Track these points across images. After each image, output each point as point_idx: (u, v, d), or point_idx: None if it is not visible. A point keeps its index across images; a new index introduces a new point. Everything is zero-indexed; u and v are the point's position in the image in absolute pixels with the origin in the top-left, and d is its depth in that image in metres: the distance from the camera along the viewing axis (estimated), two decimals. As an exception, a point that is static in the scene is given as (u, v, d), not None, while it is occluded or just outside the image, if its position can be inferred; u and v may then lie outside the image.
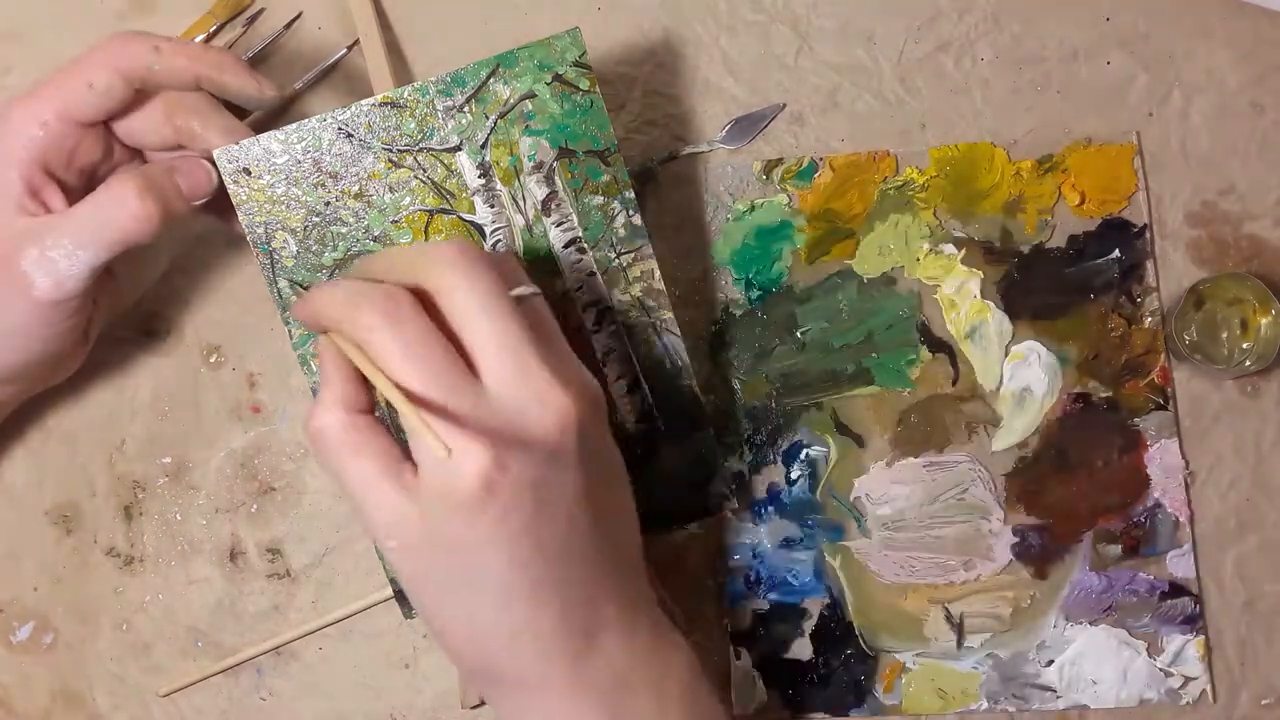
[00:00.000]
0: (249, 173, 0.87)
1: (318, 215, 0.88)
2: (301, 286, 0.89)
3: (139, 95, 0.87)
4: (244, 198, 0.87)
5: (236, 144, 0.86)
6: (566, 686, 0.77)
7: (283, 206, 0.88)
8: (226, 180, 0.87)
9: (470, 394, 0.71)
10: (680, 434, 0.92)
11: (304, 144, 0.87)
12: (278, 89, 0.89)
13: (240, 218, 0.88)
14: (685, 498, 0.93)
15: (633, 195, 0.90)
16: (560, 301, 0.90)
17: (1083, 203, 0.99)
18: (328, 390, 0.74)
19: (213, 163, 0.87)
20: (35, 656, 1.01)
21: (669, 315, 0.91)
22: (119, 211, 0.84)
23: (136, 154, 0.91)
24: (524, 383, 0.72)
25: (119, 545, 1.01)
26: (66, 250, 0.84)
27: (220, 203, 0.89)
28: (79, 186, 0.88)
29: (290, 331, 0.89)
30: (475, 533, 0.72)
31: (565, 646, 0.76)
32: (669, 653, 0.81)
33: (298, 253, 0.88)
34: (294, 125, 0.87)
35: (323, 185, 0.88)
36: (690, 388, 0.92)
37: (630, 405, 0.92)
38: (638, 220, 0.90)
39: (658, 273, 0.90)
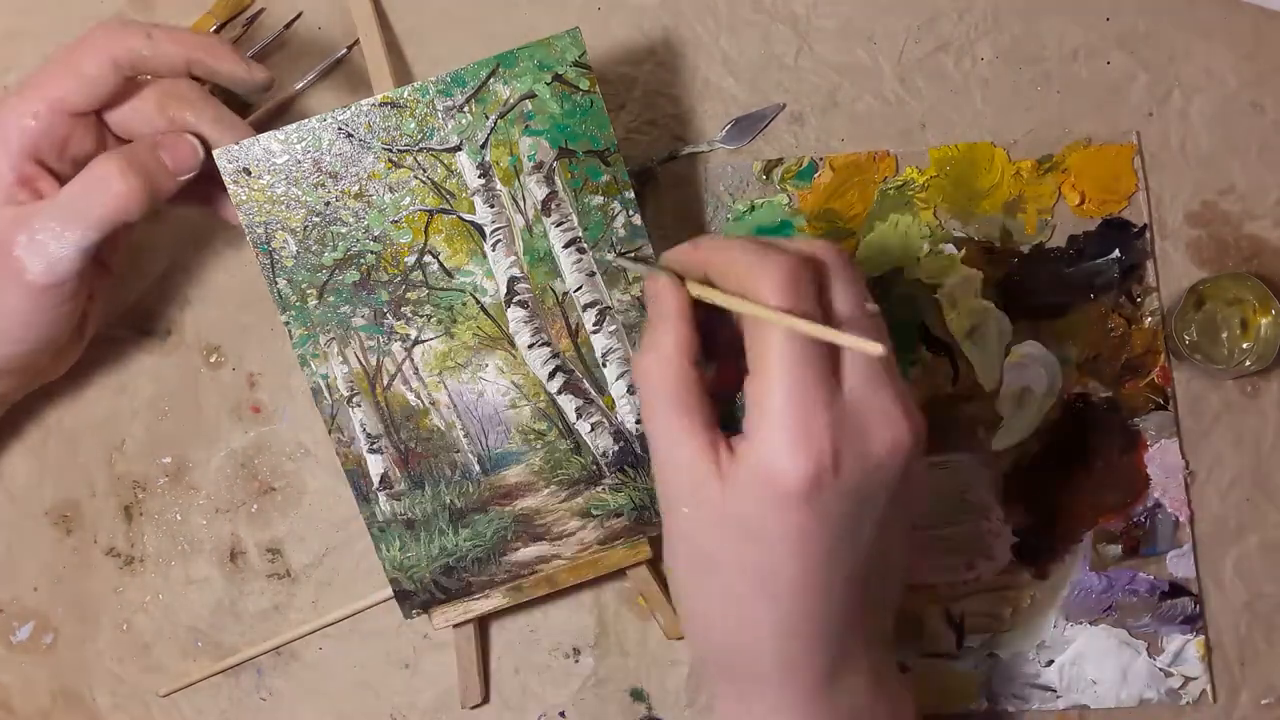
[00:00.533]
0: (249, 173, 0.87)
1: (318, 215, 0.88)
2: (301, 287, 0.89)
3: (131, 84, 0.87)
4: (244, 198, 0.87)
5: (236, 144, 0.87)
6: (802, 704, 0.77)
7: (283, 206, 0.88)
8: (226, 180, 0.87)
9: (830, 392, 0.70)
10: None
11: (304, 144, 0.87)
12: (269, 73, 0.88)
13: (240, 218, 0.88)
14: None
15: (633, 195, 0.90)
16: (560, 301, 0.91)
17: (1083, 203, 0.99)
18: (671, 333, 0.74)
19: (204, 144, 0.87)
20: (35, 656, 1.01)
21: (669, 315, 0.91)
22: (103, 190, 0.84)
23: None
24: (876, 397, 0.71)
25: (119, 545, 1.01)
26: (54, 232, 0.84)
27: (206, 191, 0.89)
28: (73, 177, 0.88)
29: (290, 331, 0.89)
30: (781, 525, 0.71)
31: (814, 664, 0.76)
32: (900, 704, 0.80)
33: (297, 253, 0.88)
34: (294, 125, 0.87)
35: (323, 185, 0.88)
36: (691, 388, 0.92)
37: (630, 406, 0.92)
38: (638, 220, 0.90)
39: (657, 271, 0.90)
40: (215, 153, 0.86)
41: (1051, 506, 0.98)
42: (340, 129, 0.87)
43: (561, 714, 1.00)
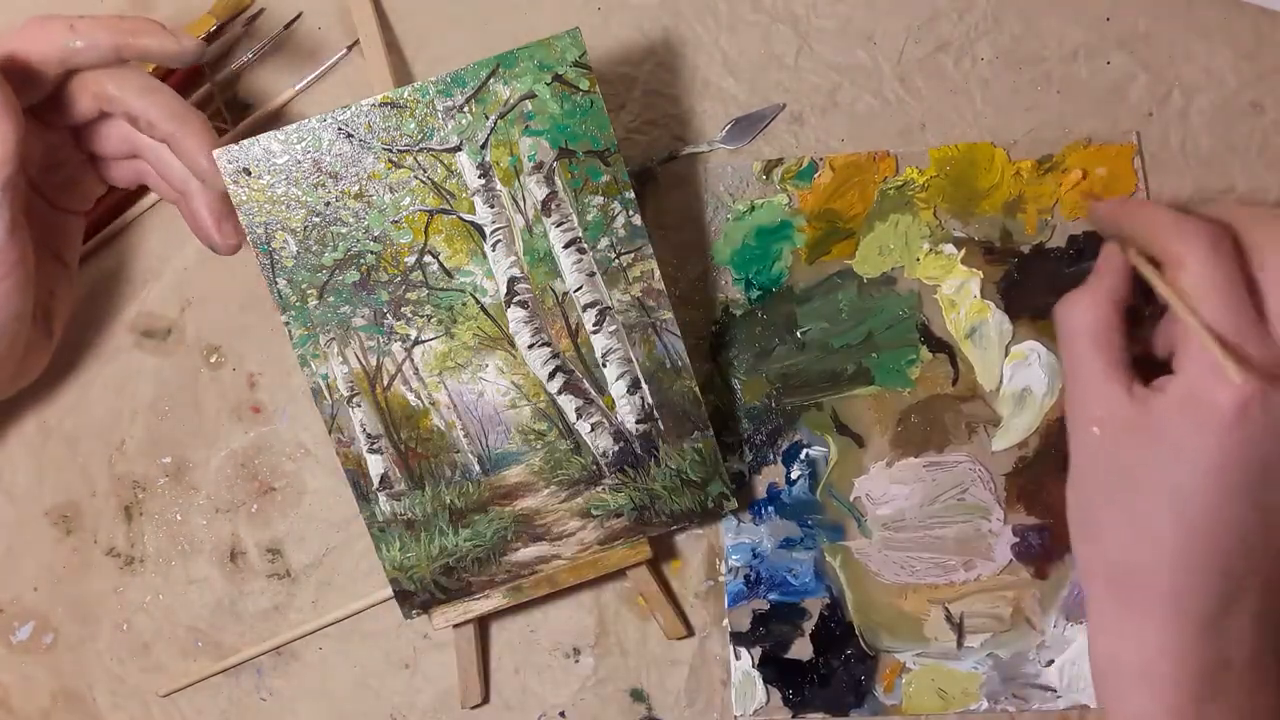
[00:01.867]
0: (249, 173, 0.87)
1: (318, 215, 0.88)
2: (301, 287, 0.89)
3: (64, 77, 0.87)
4: (244, 198, 0.87)
5: (237, 144, 0.86)
6: (1183, 633, 0.80)
7: (283, 207, 0.87)
8: (226, 180, 0.87)
9: (1256, 337, 0.78)
10: (680, 435, 0.92)
11: (304, 144, 0.87)
12: (197, 40, 0.87)
13: (240, 218, 0.87)
14: (685, 498, 0.93)
15: (632, 195, 0.90)
16: (560, 302, 0.90)
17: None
18: (1103, 282, 0.84)
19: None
20: (35, 656, 1.01)
21: (669, 315, 0.91)
22: None
23: (66, 130, 0.91)
24: None
25: (119, 545, 1.01)
26: None
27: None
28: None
29: (290, 331, 0.89)
30: (1202, 445, 0.77)
31: (1208, 594, 0.79)
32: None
33: (298, 253, 0.88)
34: (294, 125, 0.87)
35: (323, 185, 0.87)
36: (690, 388, 0.92)
37: (630, 406, 0.92)
38: (637, 220, 0.90)
39: (657, 273, 0.90)
40: (215, 153, 0.86)
41: (1051, 506, 0.98)
42: (340, 129, 0.87)
43: (561, 714, 0.99)
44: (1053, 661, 0.97)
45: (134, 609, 1.01)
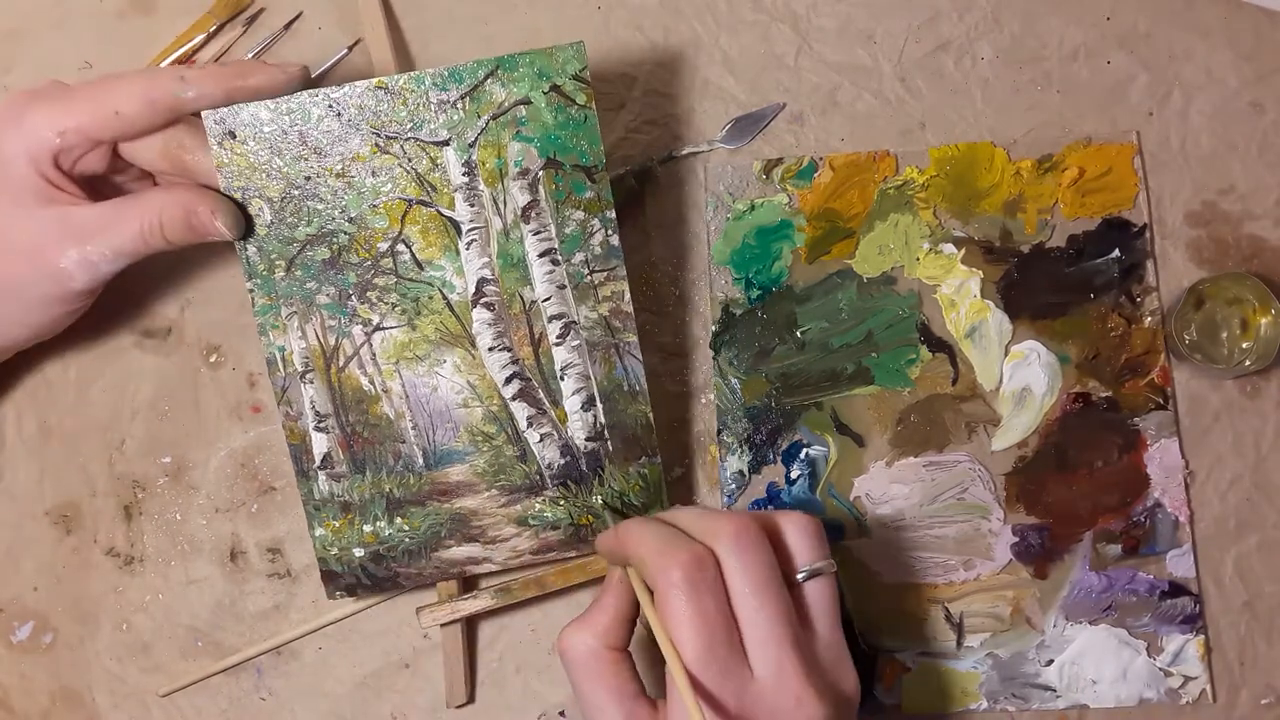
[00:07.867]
0: (234, 136, 0.86)
1: (296, 189, 0.87)
2: (270, 256, 0.87)
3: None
4: (225, 160, 0.86)
5: (227, 108, 0.85)
6: None
7: (263, 175, 0.86)
8: (212, 142, 0.86)
9: (738, 679, 0.75)
10: (628, 458, 0.92)
11: (293, 116, 0.86)
12: (300, 65, 0.88)
13: (220, 181, 0.87)
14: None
15: (613, 215, 0.89)
16: (527, 309, 0.89)
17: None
18: (596, 616, 0.81)
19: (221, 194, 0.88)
20: (35, 656, 0.99)
21: (633, 339, 0.90)
22: (159, 231, 0.87)
23: (131, 166, 0.92)
24: (782, 683, 0.75)
25: (119, 545, 0.99)
26: (108, 257, 0.87)
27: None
28: (75, 187, 0.89)
29: (254, 300, 0.89)
30: None
31: None
32: None
33: (271, 222, 0.87)
34: (285, 96, 0.86)
35: (305, 159, 0.86)
36: (644, 414, 0.92)
37: (582, 422, 0.91)
38: (615, 240, 0.89)
39: (628, 295, 0.90)
40: (204, 114, 0.85)
41: (1051, 506, 0.96)
42: (331, 106, 0.86)
43: (561, 713, 0.97)
44: (1052, 661, 0.95)
45: (134, 609, 0.99)
